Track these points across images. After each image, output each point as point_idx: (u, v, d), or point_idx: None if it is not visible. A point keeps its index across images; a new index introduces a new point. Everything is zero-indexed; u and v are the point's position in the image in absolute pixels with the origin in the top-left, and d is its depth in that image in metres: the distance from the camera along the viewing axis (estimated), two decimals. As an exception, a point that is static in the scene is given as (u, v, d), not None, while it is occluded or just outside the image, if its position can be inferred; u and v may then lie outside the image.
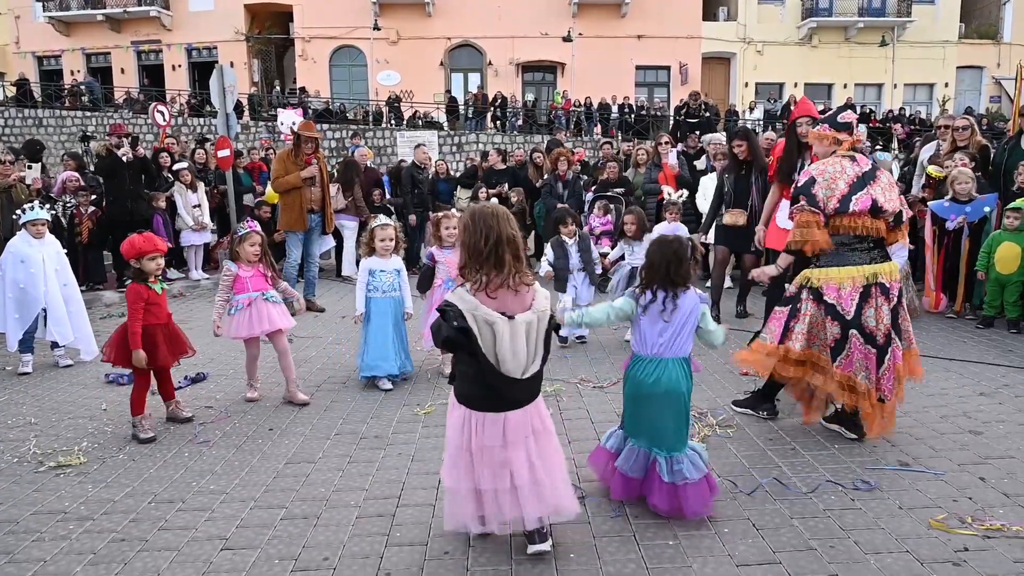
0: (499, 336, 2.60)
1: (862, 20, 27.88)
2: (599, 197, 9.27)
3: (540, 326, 2.70)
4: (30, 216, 5.63)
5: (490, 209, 2.76)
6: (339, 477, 3.61)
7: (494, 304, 2.64)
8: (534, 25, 27.47)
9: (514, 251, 2.67)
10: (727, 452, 3.81)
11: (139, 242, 4.25)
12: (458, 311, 2.61)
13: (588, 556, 2.80)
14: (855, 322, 3.77)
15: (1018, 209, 6.39)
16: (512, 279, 2.67)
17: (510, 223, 2.72)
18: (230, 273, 4.79)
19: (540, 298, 2.75)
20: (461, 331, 2.60)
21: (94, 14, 28.17)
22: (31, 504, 3.36)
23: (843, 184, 3.81)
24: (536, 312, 2.70)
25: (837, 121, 4.04)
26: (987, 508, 3.10)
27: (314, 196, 7.85)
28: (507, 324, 2.61)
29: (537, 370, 2.74)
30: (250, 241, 4.78)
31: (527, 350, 2.66)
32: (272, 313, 4.80)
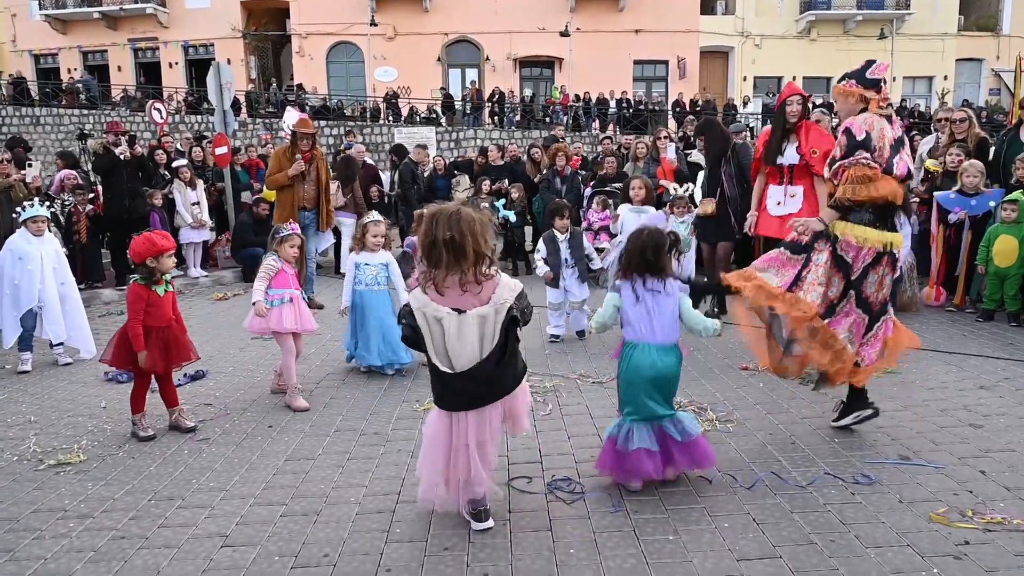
0: (447, 331, 2.75)
1: (860, 13, 27.86)
2: (597, 192, 9.26)
3: (497, 318, 2.78)
4: (30, 213, 5.64)
5: (439, 212, 2.79)
6: (339, 474, 3.61)
7: (443, 300, 2.77)
8: (531, 20, 27.43)
9: (457, 252, 2.71)
10: (727, 447, 3.80)
11: (159, 240, 4.19)
12: (409, 310, 2.81)
13: (588, 551, 2.80)
14: (857, 284, 3.69)
15: (1015, 202, 6.38)
16: (460, 277, 2.75)
17: (455, 224, 2.72)
18: (274, 266, 4.80)
19: (502, 290, 2.81)
20: (411, 328, 2.80)
21: (91, 12, 28.13)
22: (31, 502, 3.36)
23: (887, 145, 3.64)
24: (494, 305, 2.78)
25: (866, 77, 3.75)
26: (988, 501, 3.10)
27: (307, 194, 7.80)
28: (454, 318, 2.75)
29: (494, 365, 2.80)
30: (291, 243, 4.88)
31: (479, 344, 2.77)
32: (308, 314, 4.95)
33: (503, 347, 2.80)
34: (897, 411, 4.15)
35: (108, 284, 9.08)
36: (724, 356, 5.60)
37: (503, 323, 2.78)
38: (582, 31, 27.26)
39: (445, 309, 2.74)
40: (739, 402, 4.51)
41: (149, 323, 4.17)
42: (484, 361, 2.79)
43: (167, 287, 4.27)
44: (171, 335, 4.28)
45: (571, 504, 3.18)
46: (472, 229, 2.73)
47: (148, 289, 4.16)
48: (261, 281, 4.81)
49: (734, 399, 4.58)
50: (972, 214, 6.81)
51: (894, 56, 28.09)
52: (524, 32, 27.51)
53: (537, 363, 5.49)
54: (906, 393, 4.58)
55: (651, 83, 28.75)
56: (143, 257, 4.16)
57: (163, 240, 4.23)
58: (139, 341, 4.11)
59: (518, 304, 2.83)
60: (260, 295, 4.76)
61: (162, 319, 4.22)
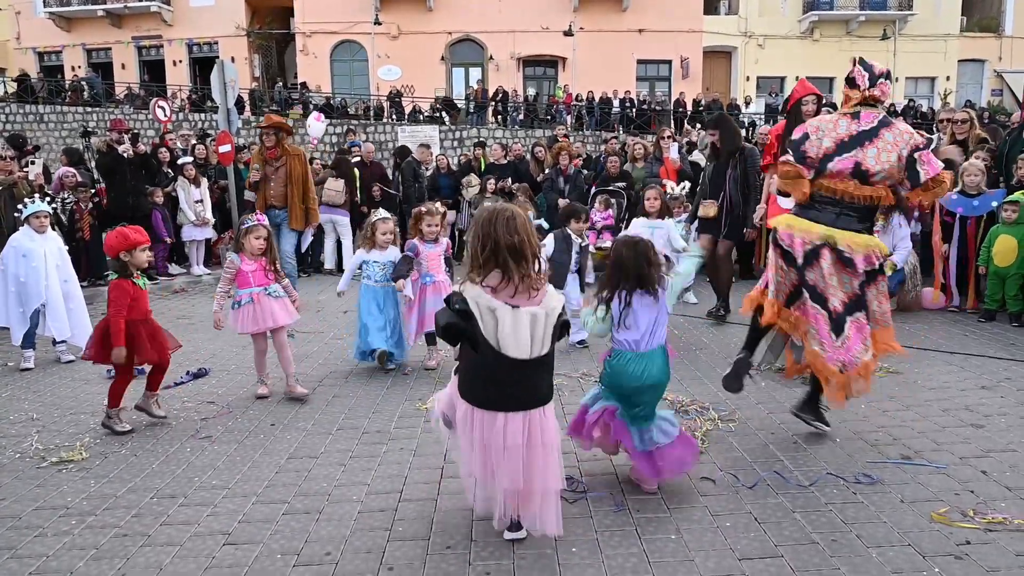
0: (500, 321, 2.63)
1: (863, 13, 27.84)
2: (600, 191, 9.27)
3: (548, 320, 2.72)
4: (32, 209, 5.64)
5: (496, 214, 2.73)
6: (341, 472, 3.61)
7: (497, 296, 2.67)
8: (535, 19, 27.43)
9: (516, 257, 2.66)
10: (728, 446, 3.81)
11: (131, 234, 4.19)
12: (461, 296, 2.68)
13: (590, 550, 2.81)
14: (801, 274, 3.74)
15: (1015, 202, 6.37)
16: (517, 282, 2.67)
17: (513, 228, 2.67)
18: (232, 266, 4.78)
19: (550, 298, 2.76)
20: (462, 313, 2.65)
21: (95, 9, 28.18)
22: (33, 500, 3.37)
23: (829, 142, 3.69)
24: (545, 308, 2.71)
25: (847, 76, 3.87)
26: (989, 501, 3.10)
27: (274, 191, 7.71)
28: (510, 312, 2.64)
29: (541, 364, 2.73)
30: (256, 234, 4.78)
31: (530, 339, 2.67)
32: (275, 308, 4.79)
33: (551, 352, 2.77)
34: (899, 411, 4.15)
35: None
36: (726, 355, 5.59)
37: (554, 327, 2.74)
38: (585, 30, 27.25)
39: (499, 301, 2.65)
40: (741, 401, 4.51)
41: (134, 316, 4.17)
42: (532, 360, 2.70)
43: (144, 282, 4.29)
44: (153, 326, 4.30)
45: (573, 503, 3.19)
46: (528, 229, 2.71)
47: (132, 283, 4.16)
48: (222, 286, 4.80)
49: (736, 398, 4.57)
50: (977, 214, 6.79)
51: (896, 56, 28.06)
52: (528, 31, 27.51)
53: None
54: (908, 393, 4.58)
55: (654, 83, 28.73)
56: (116, 252, 4.17)
57: (136, 234, 4.21)
58: (120, 337, 4.09)
59: (564, 313, 2.81)
60: (218, 302, 4.77)
61: (143, 312, 4.24)
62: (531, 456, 2.74)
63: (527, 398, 2.75)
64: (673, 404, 4.43)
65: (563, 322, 2.79)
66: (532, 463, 2.75)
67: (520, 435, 2.72)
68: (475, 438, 2.77)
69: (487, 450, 2.74)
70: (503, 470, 2.73)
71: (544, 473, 2.77)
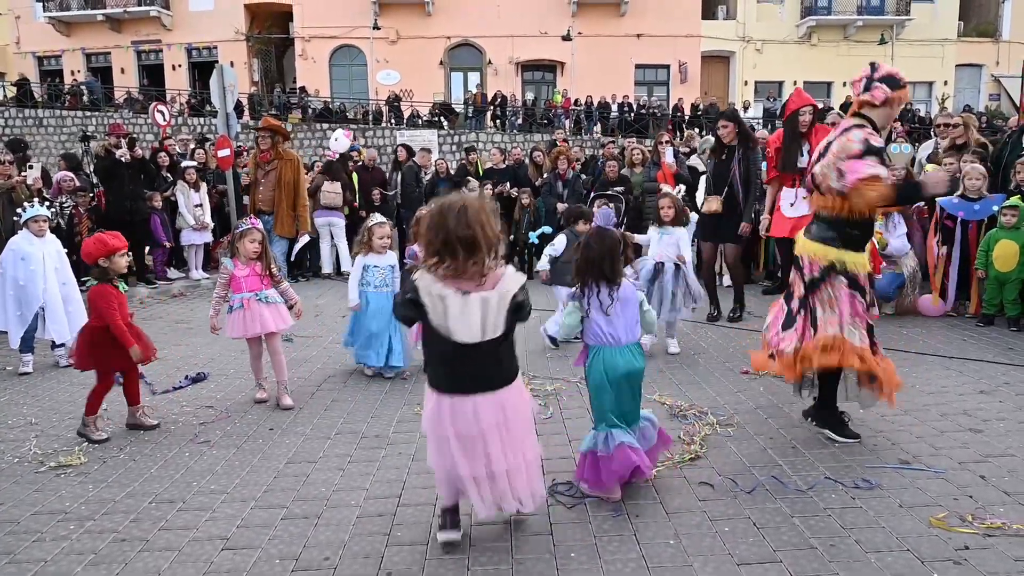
0: (449, 308, 2.67)
1: (861, 18, 27.91)
2: (599, 196, 9.27)
3: (500, 303, 2.72)
4: (31, 213, 5.64)
5: (448, 206, 2.72)
6: (340, 477, 3.61)
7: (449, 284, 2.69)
8: (534, 24, 27.48)
9: (468, 248, 2.66)
10: (727, 451, 3.81)
11: (110, 240, 4.18)
12: (413, 285, 2.73)
13: (589, 555, 2.81)
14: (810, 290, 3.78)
15: (1015, 207, 6.38)
16: (470, 271, 2.69)
17: (465, 220, 2.67)
18: (226, 271, 4.80)
19: (507, 280, 2.75)
20: (412, 302, 2.72)
21: (94, 14, 28.21)
22: (32, 504, 3.36)
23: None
24: (498, 292, 2.72)
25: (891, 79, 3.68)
26: (988, 506, 3.10)
27: (262, 196, 7.66)
28: (459, 298, 2.67)
29: (498, 345, 2.75)
30: (250, 237, 4.77)
31: (481, 323, 2.69)
32: (265, 314, 4.74)
33: (505, 334, 2.77)
34: (897, 415, 4.15)
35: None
36: (725, 360, 5.60)
37: (507, 310, 2.74)
38: (584, 35, 27.31)
39: (450, 289, 2.68)
40: (739, 406, 4.52)
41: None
42: (486, 341, 2.72)
43: (123, 287, 4.28)
44: (135, 331, 4.28)
45: (572, 508, 3.19)
46: (480, 220, 2.69)
47: (113, 287, 4.16)
48: (218, 291, 4.81)
49: (734, 403, 4.58)
50: (978, 218, 6.79)
51: (894, 61, 28.06)
52: (526, 36, 27.56)
53: (539, 366, 5.50)
54: (906, 397, 4.57)
55: (652, 87, 28.78)
56: (95, 258, 4.16)
57: (114, 240, 4.21)
58: (127, 337, 4.11)
59: (521, 294, 2.79)
60: (214, 307, 4.78)
61: (124, 316, 4.23)
62: (511, 433, 2.82)
63: (488, 379, 2.79)
64: (672, 409, 4.44)
65: (517, 303, 2.77)
66: (513, 439, 2.82)
67: (493, 415, 2.76)
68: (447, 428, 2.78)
69: (461, 439, 2.76)
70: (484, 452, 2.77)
71: (523, 445, 2.87)
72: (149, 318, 7.81)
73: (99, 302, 4.14)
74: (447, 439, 2.78)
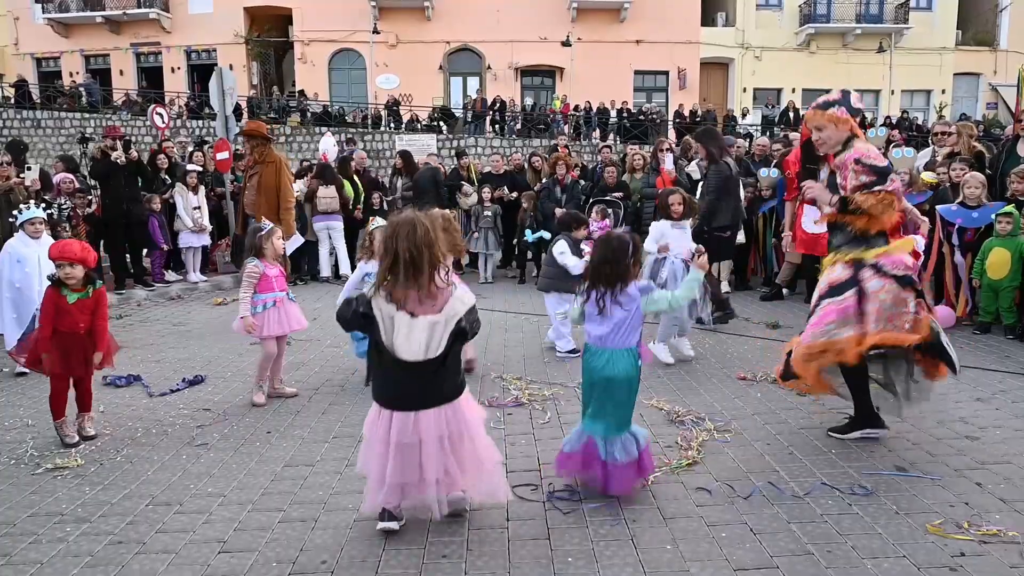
0: (397, 328, 2.81)
1: (859, 27, 28.01)
2: (597, 201, 9.29)
3: (447, 326, 2.85)
4: (28, 215, 5.62)
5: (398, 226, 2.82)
6: (337, 480, 3.61)
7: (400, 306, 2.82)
8: (533, 29, 27.54)
9: (415, 268, 2.77)
10: (724, 457, 3.81)
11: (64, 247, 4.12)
12: (366, 299, 2.87)
13: (586, 560, 2.81)
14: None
15: (1009, 214, 6.40)
16: (416, 291, 2.80)
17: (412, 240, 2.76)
18: (257, 271, 4.80)
19: (455, 302, 2.87)
20: (365, 316, 2.85)
21: (93, 16, 28.20)
22: (28, 506, 3.36)
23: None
24: (445, 315, 2.84)
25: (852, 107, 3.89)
26: (983, 513, 3.11)
27: (247, 200, 7.69)
28: (406, 319, 2.81)
29: (439, 365, 2.86)
30: (276, 235, 4.88)
31: (425, 347, 2.82)
32: (293, 312, 4.96)
33: (445, 356, 2.87)
34: (894, 422, 4.16)
35: (108, 287, 9.05)
36: (722, 366, 5.61)
37: (451, 333, 2.85)
38: (583, 41, 27.37)
39: (400, 312, 2.82)
40: (736, 412, 4.52)
41: (63, 328, 4.06)
42: (428, 360, 2.84)
43: (86, 295, 4.14)
44: (75, 343, 4.13)
45: (569, 513, 3.19)
46: (427, 241, 2.79)
47: (58, 294, 4.07)
48: (247, 290, 4.81)
49: (731, 409, 4.59)
50: (977, 225, 6.80)
51: (892, 69, 28.26)
52: (526, 41, 27.61)
53: (537, 371, 5.50)
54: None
55: (651, 93, 28.87)
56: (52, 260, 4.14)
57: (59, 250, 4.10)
58: (43, 343, 4.05)
59: (468, 318, 2.91)
60: (247, 308, 4.77)
61: (71, 325, 4.09)
62: (456, 447, 2.95)
63: (429, 396, 2.91)
64: (669, 414, 4.44)
65: (460, 329, 2.87)
66: (459, 452, 2.96)
67: (434, 429, 2.90)
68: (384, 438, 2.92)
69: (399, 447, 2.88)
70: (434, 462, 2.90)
71: (474, 456, 3.00)
72: (146, 320, 7.81)
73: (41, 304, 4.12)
74: (385, 446, 2.92)
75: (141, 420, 4.56)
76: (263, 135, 8.00)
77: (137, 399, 5.02)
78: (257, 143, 7.76)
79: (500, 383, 5.18)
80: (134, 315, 8.09)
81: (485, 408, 4.38)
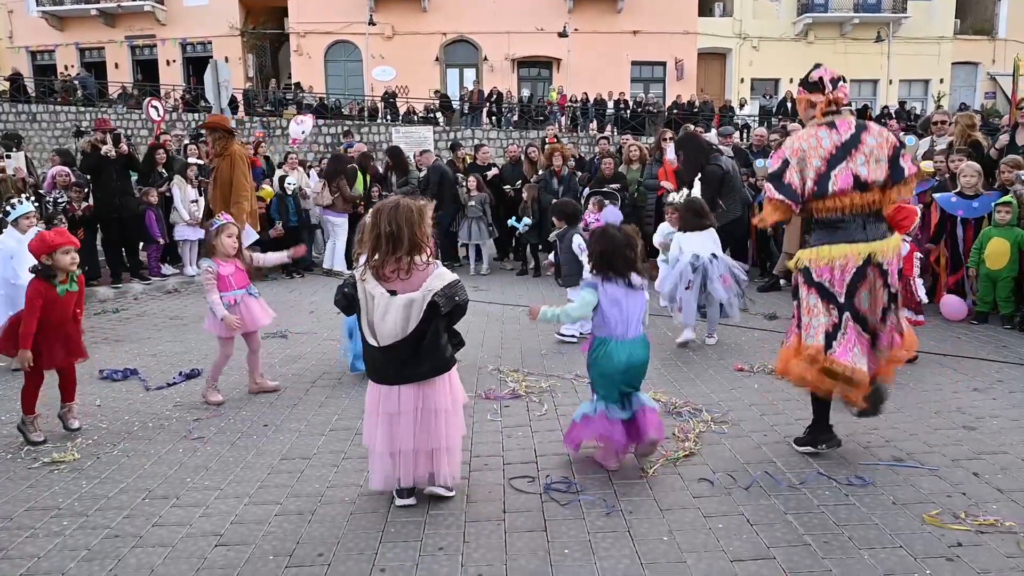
0: (376, 307, 3.02)
1: (857, 16, 27.92)
2: (594, 193, 9.26)
3: (423, 302, 3.01)
4: (20, 211, 5.55)
5: (383, 206, 3.09)
6: (334, 473, 3.61)
7: (384, 283, 3.04)
8: (530, 20, 27.43)
9: (395, 242, 2.99)
10: (722, 448, 3.81)
11: (51, 237, 4.07)
12: (353, 281, 3.12)
13: (583, 551, 2.81)
14: (848, 304, 3.46)
15: (1008, 204, 6.39)
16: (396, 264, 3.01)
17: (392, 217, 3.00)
18: (212, 271, 4.72)
19: (433, 279, 3.04)
20: (349, 297, 3.11)
21: (88, 9, 28.06)
22: (25, 500, 3.35)
23: (818, 162, 3.43)
24: (423, 292, 3.01)
25: (808, 81, 3.60)
26: (980, 503, 3.11)
27: (211, 195, 7.73)
28: (385, 298, 3.01)
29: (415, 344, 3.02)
30: (227, 232, 4.78)
31: (402, 324, 3.00)
32: (256, 309, 4.88)
33: (422, 332, 3.02)
34: (891, 413, 4.16)
35: (104, 282, 9.06)
36: (719, 357, 5.61)
37: (424, 308, 3.00)
38: (580, 32, 27.26)
39: (380, 288, 3.02)
40: (734, 403, 4.52)
41: (47, 317, 4.02)
42: (403, 340, 3.01)
43: (71, 286, 4.12)
44: (65, 331, 4.13)
45: (566, 505, 3.19)
46: (409, 220, 3.02)
47: (47, 285, 4.03)
48: (210, 292, 4.71)
49: (729, 400, 4.59)
50: (975, 215, 6.78)
51: (890, 59, 28.20)
52: (522, 32, 27.50)
53: (533, 363, 5.50)
54: (900, 395, 4.58)
55: (649, 84, 28.78)
56: (38, 255, 4.07)
57: (55, 237, 4.08)
58: (27, 340, 3.95)
59: (445, 292, 3.03)
60: (221, 308, 4.68)
61: (59, 316, 4.07)
62: (426, 420, 3.12)
63: (411, 372, 3.08)
64: (666, 405, 4.44)
65: (434, 303, 3.00)
66: (428, 425, 3.13)
67: (412, 402, 3.10)
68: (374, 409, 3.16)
69: (388, 418, 3.11)
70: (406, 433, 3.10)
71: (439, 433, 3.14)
72: (143, 314, 7.79)
73: (26, 298, 4.03)
74: (375, 416, 3.15)
75: (138, 414, 4.55)
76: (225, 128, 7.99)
77: (134, 393, 5.01)
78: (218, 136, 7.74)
79: (497, 375, 5.18)
80: (130, 309, 8.08)
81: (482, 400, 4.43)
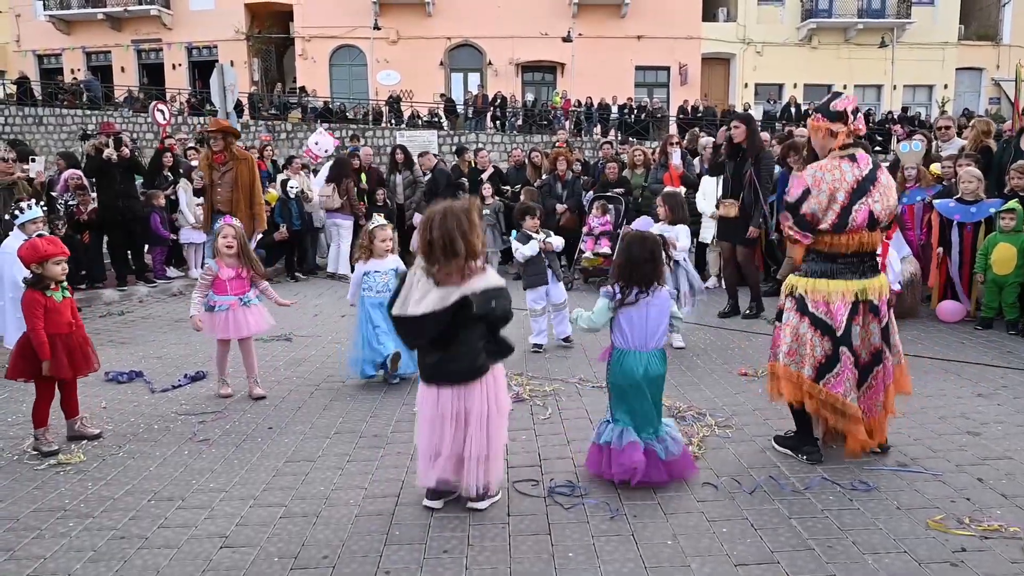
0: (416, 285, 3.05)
1: (861, 21, 27.89)
2: (598, 197, 9.28)
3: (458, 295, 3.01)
4: (30, 215, 5.58)
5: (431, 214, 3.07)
6: (338, 476, 3.62)
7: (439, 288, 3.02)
8: (534, 25, 27.46)
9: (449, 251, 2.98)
10: (725, 452, 3.81)
11: (42, 246, 4.03)
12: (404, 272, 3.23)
13: (587, 555, 2.81)
14: (845, 339, 3.46)
15: (1012, 210, 6.38)
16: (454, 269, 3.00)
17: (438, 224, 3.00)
18: (211, 273, 4.79)
19: (477, 279, 3.04)
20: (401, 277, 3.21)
21: (95, 13, 28.15)
22: (31, 501, 3.37)
23: (843, 195, 3.40)
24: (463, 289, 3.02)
25: (830, 110, 3.52)
26: (985, 509, 3.11)
27: (220, 196, 7.76)
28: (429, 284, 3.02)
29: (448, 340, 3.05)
30: (222, 234, 4.80)
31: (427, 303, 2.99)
32: (249, 319, 4.88)
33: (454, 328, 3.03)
34: (895, 418, 4.16)
35: (109, 284, 9.09)
36: (723, 362, 5.61)
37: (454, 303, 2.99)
38: (584, 37, 27.28)
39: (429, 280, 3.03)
40: (737, 407, 4.53)
41: (49, 330, 3.95)
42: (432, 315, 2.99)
43: (64, 293, 4.09)
44: (73, 341, 4.07)
45: (570, 508, 3.19)
46: (460, 227, 3.00)
47: (43, 294, 3.98)
48: (197, 291, 4.81)
49: (732, 404, 4.59)
50: (974, 220, 6.78)
51: (895, 64, 28.14)
52: (527, 37, 27.53)
53: (536, 367, 5.50)
54: (904, 400, 4.58)
55: (652, 89, 28.77)
56: (27, 263, 4.03)
57: (49, 246, 4.03)
58: (44, 349, 3.89)
59: (484, 294, 3.02)
60: (195, 308, 4.78)
61: (62, 325, 4.01)
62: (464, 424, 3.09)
63: (450, 372, 3.09)
64: (670, 410, 4.44)
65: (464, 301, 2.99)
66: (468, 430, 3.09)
67: (452, 405, 3.09)
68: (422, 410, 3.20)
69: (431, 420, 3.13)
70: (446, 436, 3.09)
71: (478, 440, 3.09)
72: (148, 316, 7.82)
73: (24, 310, 3.97)
74: (423, 420, 3.16)
75: (143, 416, 4.57)
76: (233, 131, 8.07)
77: (139, 395, 5.03)
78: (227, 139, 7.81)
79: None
80: (136, 311, 8.10)
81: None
